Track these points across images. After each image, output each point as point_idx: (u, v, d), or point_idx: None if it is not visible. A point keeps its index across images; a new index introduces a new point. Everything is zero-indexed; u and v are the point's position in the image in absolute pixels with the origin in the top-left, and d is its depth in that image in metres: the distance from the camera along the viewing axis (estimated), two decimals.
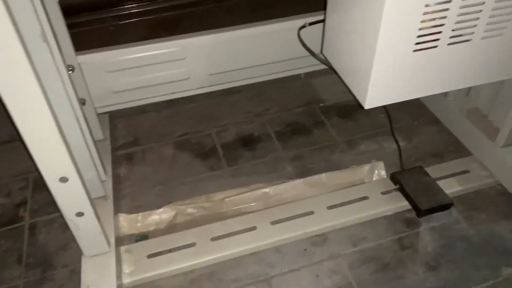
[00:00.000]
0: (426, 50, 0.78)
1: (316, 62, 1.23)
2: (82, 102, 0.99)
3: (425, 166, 1.12)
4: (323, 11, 1.20)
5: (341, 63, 0.90)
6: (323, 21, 1.16)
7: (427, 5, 0.73)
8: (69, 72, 0.87)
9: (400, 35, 0.74)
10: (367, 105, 0.79)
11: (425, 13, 0.73)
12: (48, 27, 0.76)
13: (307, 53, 1.12)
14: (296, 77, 1.44)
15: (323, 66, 1.27)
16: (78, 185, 0.75)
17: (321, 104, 1.38)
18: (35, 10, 0.70)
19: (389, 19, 0.71)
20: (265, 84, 1.40)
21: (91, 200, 0.80)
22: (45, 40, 0.72)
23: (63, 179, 0.73)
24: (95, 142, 0.97)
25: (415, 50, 0.78)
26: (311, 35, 1.16)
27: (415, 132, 1.27)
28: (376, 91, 0.78)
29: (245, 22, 1.21)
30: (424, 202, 1.02)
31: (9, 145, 1.27)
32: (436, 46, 0.78)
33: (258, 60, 1.28)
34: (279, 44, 1.27)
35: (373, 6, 0.72)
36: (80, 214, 0.80)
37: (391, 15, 0.71)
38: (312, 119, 1.33)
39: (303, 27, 1.13)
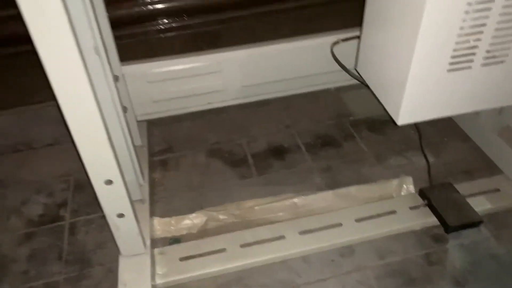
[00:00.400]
0: (460, 70, 0.80)
1: (347, 77, 1.26)
2: (124, 110, 1.05)
3: (455, 183, 1.12)
4: (354, 28, 1.23)
5: (375, 79, 0.93)
6: (356, 38, 1.19)
7: (461, 28, 0.75)
8: (115, 81, 0.93)
9: (434, 55, 0.76)
10: (400, 122, 0.81)
11: (459, 35, 0.76)
12: (99, 39, 0.82)
13: (338, 67, 1.15)
14: (326, 90, 1.47)
15: (353, 81, 1.30)
16: (122, 188, 0.80)
17: (351, 118, 1.41)
18: (90, 24, 0.76)
19: (425, 39, 0.74)
20: (296, 96, 1.43)
21: (132, 203, 0.85)
22: (97, 52, 0.78)
23: (108, 182, 0.78)
24: (135, 147, 1.02)
25: (449, 70, 0.80)
26: (344, 51, 1.19)
27: (444, 149, 1.28)
28: (409, 108, 0.80)
29: (279, 37, 1.25)
30: (453, 218, 1.02)
31: (53, 148, 1.35)
32: (470, 67, 0.80)
33: (291, 73, 1.32)
34: (312, 58, 1.30)
35: (410, 25, 0.75)
36: (121, 215, 0.85)
37: (426, 35, 0.73)
38: (342, 132, 1.36)
39: (336, 43, 1.17)
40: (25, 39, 1.29)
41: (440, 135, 1.32)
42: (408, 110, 0.80)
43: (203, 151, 1.32)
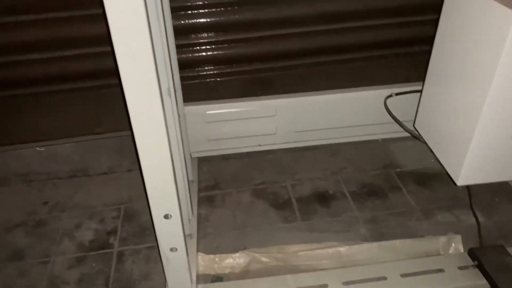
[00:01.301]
0: None
1: (395, 129, 1.27)
2: (183, 145, 1.10)
3: (507, 246, 1.09)
4: (407, 83, 1.26)
5: (435, 137, 0.94)
6: (409, 92, 1.22)
7: None
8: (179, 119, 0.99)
9: (501, 120, 0.78)
10: (460, 183, 0.82)
11: None
12: (171, 82, 0.89)
13: (388, 119, 1.17)
14: (374, 140, 1.48)
15: (401, 133, 1.31)
16: (178, 223, 0.83)
17: (398, 169, 1.41)
18: (166, 68, 0.82)
19: (493, 104, 0.75)
20: (344, 144, 1.45)
21: (185, 238, 0.88)
22: (170, 94, 0.84)
23: (167, 216, 0.81)
24: (189, 183, 1.06)
25: None
26: (396, 104, 1.22)
27: (496, 209, 1.25)
28: (470, 170, 0.81)
29: (332, 86, 1.30)
30: (506, 283, 0.98)
31: (107, 176, 1.42)
32: None
33: (341, 122, 1.35)
34: (363, 110, 1.33)
35: (479, 88, 0.77)
36: (173, 249, 0.87)
37: (495, 100, 0.75)
38: (388, 183, 1.35)
39: (389, 96, 1.19)
40: (97, 75, 1.40)
41: (491, 195, 1.29)
42: (468, 172, 0.81)
43: (248, 190, 1.35)
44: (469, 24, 0.84)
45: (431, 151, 0.94)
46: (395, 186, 1.34)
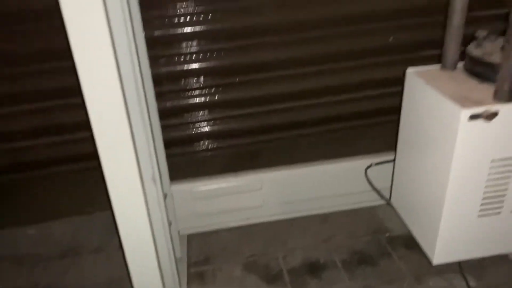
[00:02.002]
0: (491, 216, 0.87)
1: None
2: (169, 224, 1.12)
3: None
4: (388, 152, 1.31)
5: (410, 217, 1.00)
6: (387, 162, 1.26)
7: (488, 180, 0.84)
8: (164, 199, 1.02)
9: (465, 202, 0.85)
10: (435, 261, 0.86)
11: (487, 186, 0.84)
12: (156, 169, 0.93)
13: (375, 187, 1.21)
14: (363, 207, 1.50)
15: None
16: None
17: (387, 234, 1.41)
18: (151, 157, 0.87)
19: (454, 189, 0.84)
20: (332, 212, 1.47)
21: None
22: (155, 180, 0.88)
23: None
24: (177, 261, 1.07)
25: (479, 216, 0.87)
26: (378, 173, 1.26)
27: (486, 272, 1.24)
28: (444, 249, 0.85)
29: (317, 157, 1.35)
30: None
31: (97, 254, 1.41)
32: (499, 213, 0.87)
33: (327, 191, 1.38)
34: (347, 179, 1.37)
35: (440, 174, 0.85)
36: None
37: (456, 184, 0.83)
38: (379, 249, 1.35)
39: (369, 166, 1.24)
40: (85, 158, 1.44)
41: (481, 257, 1.29)
42: (442, 251, 0.85)
43: (239, 264, 1.34)
44: (426, 114, 0.93)
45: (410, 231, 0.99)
46: (386, 252, 1.34)
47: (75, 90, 1.28)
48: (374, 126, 1.59)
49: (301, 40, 1.43)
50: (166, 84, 1.40)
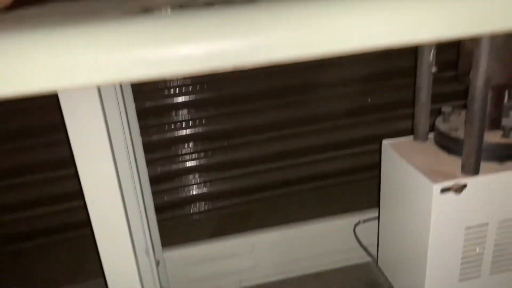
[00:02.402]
0: (471, 280, 0.92)
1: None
2: None
3: None
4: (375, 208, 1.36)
5: (394, 277, 1.04)
6: (374, 219, 1.31)
7: (465, 246, 0.89)
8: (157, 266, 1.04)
9: (445, 267, 0.89)
10: None
11: (464, 251, 0.89)
12: (149, 238, 0.97)
13: (366, 244, 1.24)
14: (358, 263, 1.52)
15: None
16: None
17: None
18: (144, 232, 0.91)
19: (434, 254, 0.89)
20: (325, 271, 1.49)
21: None
22: (148, 253, 0.91)
23: None
24: None
25: (460, 279, 0.91)
26: (367, 230, 1.31)
27: None
28: None
29: (307, 215, 1.39)
30: None
31: None
32: (479, 276, 0.92)
33: (319, 250, 1.41)
34: (337, 236, 1.41)
35: (419, 242, 0.91)
36: None
37: (435, 251, 0.89)
38: None
39: (357, 224, 1.28)
40: (77, 226, 1.47)
41: None
42: None
43: None
44: (401, 184, 0.99)
45: None
46: None
47: (68, 162, 1.35)
48: (362, 181, 1.64)
49: (285, 105, 1.51)
50: (157, 151, 1.46)
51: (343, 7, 0.50)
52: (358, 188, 1.67)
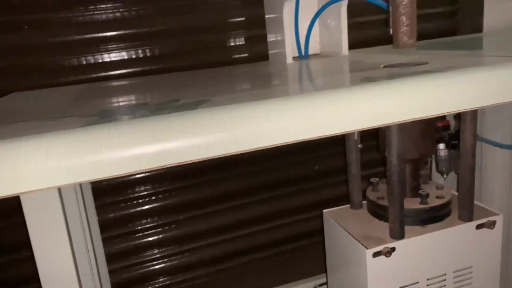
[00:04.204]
0: None
1: None
2: None
3: None
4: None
5: None
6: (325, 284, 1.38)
7: None
8: None
9: None
10: None
11: None
12: None
13: None
14: None
15: None
16: None
17: None
18: None
19: None
20: None
21: None
22: None
23: None
24: None
25: None
26: None
27: None
28: None
29: (268, 283, 1.43)
30: None
31: None
32: None
33: None
34: None
35: None
36: None
37: None
38: None
39: None
40: None
41: None
42: None
43: None
44: (340, 249, 1.08)
45: None
46: None
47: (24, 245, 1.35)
48: (318, 245, 1.73)
49: (238, 175, 1.61)
50: (114, 229, 1.49)
51: (265, 111, 0.62)
52: (317, 252, 1.75)
